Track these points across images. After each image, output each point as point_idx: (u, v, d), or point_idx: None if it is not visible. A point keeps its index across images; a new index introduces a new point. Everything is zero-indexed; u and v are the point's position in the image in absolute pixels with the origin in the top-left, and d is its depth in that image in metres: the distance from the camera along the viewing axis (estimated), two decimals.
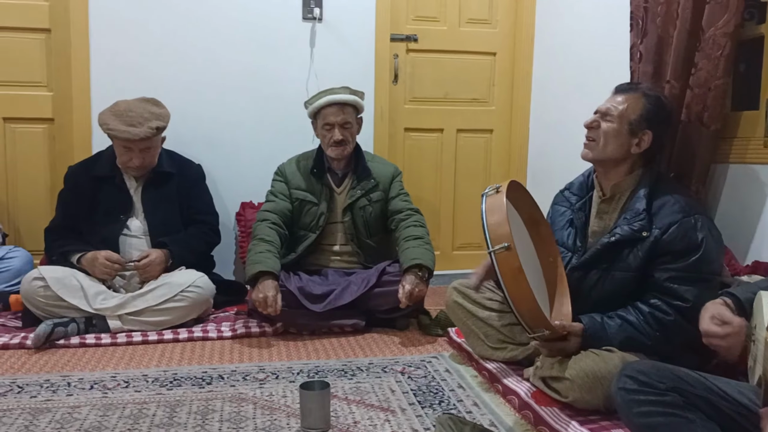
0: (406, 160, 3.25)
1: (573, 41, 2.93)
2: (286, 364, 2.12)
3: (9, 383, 1.91)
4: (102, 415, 1.71)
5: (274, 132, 3.07)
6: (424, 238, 2.52)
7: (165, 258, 2.55)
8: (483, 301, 2.06)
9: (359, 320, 2.46)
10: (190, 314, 2.48)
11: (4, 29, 2.85)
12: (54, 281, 2.35)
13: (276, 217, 2.57)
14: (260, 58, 3.03)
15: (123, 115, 2.51)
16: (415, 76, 3.25)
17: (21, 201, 2.95)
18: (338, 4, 3.04)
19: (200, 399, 1.82)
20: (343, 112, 2.56)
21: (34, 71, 2.91)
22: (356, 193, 2.60)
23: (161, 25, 2.91)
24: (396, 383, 1.96)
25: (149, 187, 2.65)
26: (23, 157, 2.94)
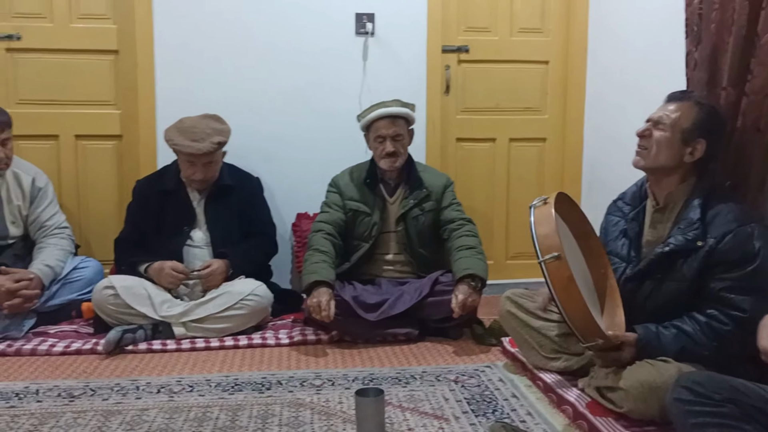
0: (458, 170, 3.27)
1: (627, 48, 2.90)
2: (342, 371, 2.18)
3: (82, 386, 2.03)
4: (169, 417, 1.80)
5: (328, 145, 3.14)
6: (477, 247, 2.53)
7: (226, 268, 2.65)
8: (537, 311, 2.06)
9: (412, 329, 2.49)
10: (250, 322, 2.57)
11: (77, 51, 3.02)
12: (123, 290, 2.48)
13: (330, 227, 2.63)
14: (314, 74, 3.11)
15: (187, 131, 2.63)
16: (467, 87, 3.28)
17: (92, 214, 3.12)
18: (390, 18, 3.10)
19: (260, 404, 1.90)
20: (395, 125, 2.61)
21: (104, 91, 3.07)
22: (409, 203, 2.65)
23: (221, 46, 3.04)
24: (449, 392, 1.99)
25: (211, 200, 2.76)
26: (94, 172, 3.11)
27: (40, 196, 2.69)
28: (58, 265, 2.61)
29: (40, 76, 3.01)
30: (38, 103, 3.02)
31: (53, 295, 2.61)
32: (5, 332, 2.44)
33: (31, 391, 1.98)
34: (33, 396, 1.95)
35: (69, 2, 2.99)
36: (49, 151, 3.05)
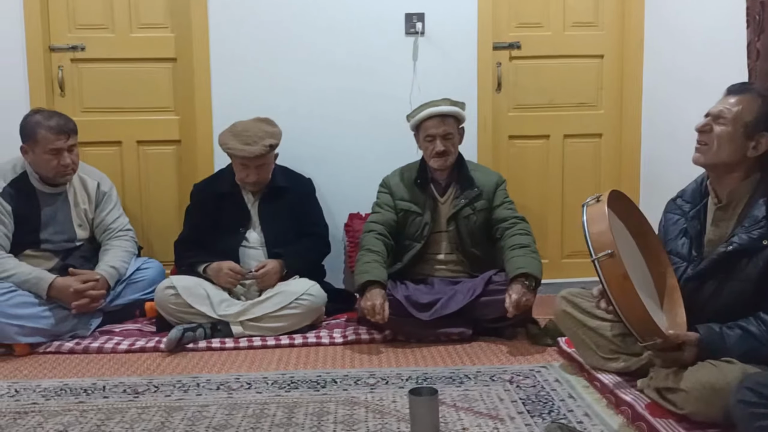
0: (510, 168, 3.24)
1: (685, 39, 2.82)
2: (395, 370, 2.19)
3: (146, 383, 2.11)
4: (228, 414, 1.85)
5: (379, 145, 3.16)
6: (531, 246, 2.50)
7: (280, 268, 2.70)
8: (594, 311, 2.03)
9: (466, 329, 2.48)
10: (304, 321, 2.61)
11: (137, 60, 3.13)
12: (183, 290, 2.56)
13: (382, 227, 2.65)
14: (364, 75, 3.13)
15: (240, 135, 2.70)
16: (519, 83, 3.24)
17: (153, 216, 3.23)
18: (440, 17, 3.10)
19: (315, 401, 1.93)
20: (444, 124, 2.60)
21: (163, 98, 3.18)
22: (460, 202, 2.64)
23: (273, 50, 3.10)
24: (504, 392, 1.97)
25: (265, 202, 2.82)
26: (155, 176, 3.22)
27: (105, 199, 2.80)
28: (122, 266, 2.71)
29: (103, 85, 3.14)
30: (102, 111, 3.15)
31: (118, 295, 2.71)
32: (73, 331, 2.55)
33: (98, 387, 2.07)
34: (100, 392, 2.03)
35: (129, 13, 3.11)
36: (113, 157, 3.18)
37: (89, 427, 1.78)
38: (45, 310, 2.47)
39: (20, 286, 2.45)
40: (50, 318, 2.47)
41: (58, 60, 3.09)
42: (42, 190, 2.64)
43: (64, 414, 1.87)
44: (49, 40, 3.07)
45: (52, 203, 2.66)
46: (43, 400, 1.98)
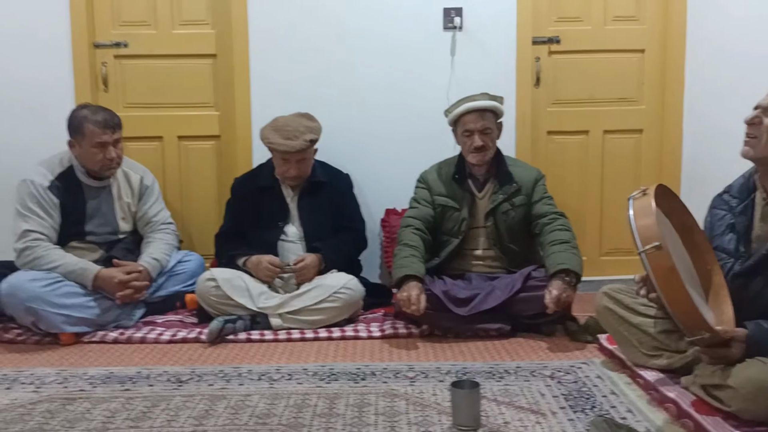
0: (549, 163, 3.21)
1: (729, 32, 2.76)
2: (434, 364, 2.19)
3: (190, 372, 2.15)
4: (270, 403, 1.87)
5: (416, 140, 3.16)
6: (571, 242, 2.48)
7: (318, 262, 2.72)
8: (636, 307, 2.00)
9: (504, 324, 2.47)
10: (342, 314, 2.62)
11: (179, 56, 3.18)
12: (224, 282, 2.59)
13: (419, 222, 2.65)
14: (402, 71, 3.14)
15: (281, 129, 2.72)
16: (558, 78, 3.21)
17: (193, 210, 3.27)
18: (478, 12, 3.09)
19: (356, 393, 1.94)
20: (483, 119, 2.59)
21: (203, 93, 3.22)
22: (498, 197, 2.62)
23: (311, 46, 3.11)
24: (545, 387, 1.96)
25: (304, 196, 2.84)
26: (195, 170, 3.26)
27: (148, 193, 2.85)
28: (164, 258, 2.76)
29: (145, 81, 3.19)
30: (144, 106, 3.21)
31: (160, 286, 2.76)
32: (117, 321, 2.61)
33: (143, 376, 2.12)
34: (145, 380, 2.08)
35: (171, 10, 3.16)
36: (154, 151, 3.23)
37: (135, 413, 1.82)
38: (90, 301, 2.53)
39: (66, 277, 2.51)
40: (95, 308, 2.53)
41: (102, 56, 3.16)
42: (87, 183, 2.70)
43: (111, 401, 1.91)
44: (94, 37, 3.14)
45: (96, 196, 2.72)
46: (90, 387, 2.03)
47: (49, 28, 3.07)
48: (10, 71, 3.09)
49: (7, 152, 3.10)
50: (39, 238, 2.55)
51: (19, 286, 2.41)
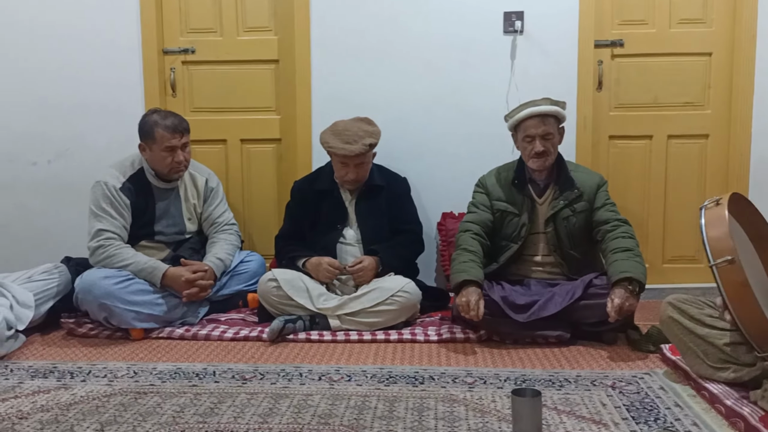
0: (610, 168, 3.16)
1: None
2: (493, 370, 2.19)
3: (252, 370, 2.21)
4: (331, 404, 1.91)
5: (474, 145, 3.16)
6: (634, 249, 2.44)
7: (376, 264, 2.76)
8: (703, 318, 1.95)
9: (564, 332, 2.44)
10: (400, 317, 2.65)
11: (243, 62, 3.27)
12: (285, 282, 2.66)
13: (478, 227, 2.65)
14: (461, 74, 3.14)
15: (341, 133, 2.77)
16: (621, 82, 3.15)
17: (254, 212, 3.36)
18: (540, 15, 3.07)
19: (415, 397, 1.96)
20: (544, 124, 2.57)
21: (266, 98, 3.30)
22: (559, 203, 2.60)
23: (371, 51, 3.15)
24: (607, 397, 1.94)
25: (362, 199, 2.88)
26: (256, 173, 3.35)
27: (213, 195, 2.95)
28: (227, 258, 2.85)
29: (211, 86, 3.30)
30: (209, 111, 3.31)
31: (223, 285, 2.85)
32: (183, 318, 2.70)
33: (209, 372, 2.19)
34: (211, 377, 2.15)
35: (237, 17, 3.25)
36: (218, 154, 3.33)
37: (203, 409, 1.89)
38: (159, 298, 2.63)
39: (137, 275, 2.62)
40: (163, 305, 2.63)
41: (171, 62, 3.28)
42: (156, 185, 2.81)
43: (180, 396, 1.99)
44: (163, 44, 3.26)
45: (165, 198, 2.83)
46: (160, 382, 2.11)
47: (121, 35, 3.21)
48: (86, 77, 3.24)
49: (82, 155, 3.26)
50: (111, 237, 2.67)
51: (93, 283, 2.53)
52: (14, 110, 3.28)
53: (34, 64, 3.25)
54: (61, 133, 3.27)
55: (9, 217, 3.34)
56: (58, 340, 2.60)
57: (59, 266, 2.76)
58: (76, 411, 1.88)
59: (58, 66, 3.24)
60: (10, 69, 3.26)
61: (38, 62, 3.25)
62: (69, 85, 3.25)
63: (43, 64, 3.25)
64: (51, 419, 1.83)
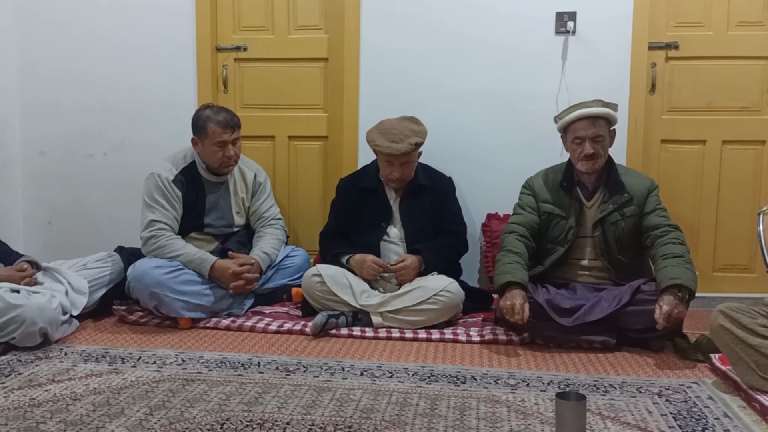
0: (661, 173, 3.10)
1: None
2: (536, 373, 2.17)
3: (296, 363, 2.24)
4: (373, 399, 1.93)
5: (521, 145, 3.14)
6: (685, 256, 2.38)
7: (419, 263, 2.76)
8: (756, 328, 1.90)
9: (609, 337, 2.40)
10: (442, 317, 2.65)
11: (293, 60, 3.32)
12: (329, 278, 2.68)
13: (523, 229, 2.62)
14: (510, 74, 3.12)
15: (387, 132, 2.78)
16: (674, 85, 3.09)
17: (300, 207, 3.41)
18: (593, 16, 3.02)
19: (456, 396, 1.96)
20: (595, 126, 2.53)
21: (314, 96, 3.34)
22: (608, 207, 2.56)
23: (420, 50, 3.16)
24: (653, 404, 1.90)
25: (406, 198, 2.89)
26: (303, 170, 3.39)
27: (260, 190, 3.00)
28: (273, 252, 2.89)
29: (261, 83, 3.36)
30: (259, 107, 3.37)
31: (268, 279, 2.90)
32: (229, 309, 2.76)
33: (254, 363, 2.23)
34: (255, 367, 2.19)
35: (288, 16, 3.30)
36: (267, 150, 3.39)
37: (248, 398, 1.92)
38: (206, 289, 2.69)
39: (186, 266, 2.69)
40: (211, 296, 2.69)
41: (223, 59, 3.35)
42: (207, 178, 2.88)
43: (226, 384, 2.03)
44: (216, 41, 3.34)
45: (215, 191, 2.89)
46: (206, 370, 2.17)
47: (176, 33, 3.30)
48: (142, 73, 3.34)
49: (137, 148, 3.37)
50: (163, 228, 2.74)
51: (145, 272, 2.61)
52: (74, 105, 3.41)
53: (93, 61, 3.37)
54: (117, 126, 3.38)
55: (66, 207, 3.47)
56: (110, 326, 2.69)
57: (113, 255, 2.85)
58: (126, 395, 1.94)
59: (116, 62, 3.35)
60: (70, 66, 3.39)
61: (97, 59, 3.37)
62: (126, 81, 3.36)
63: (102, 61, 3.36)
64: (103, 401, 1.89)
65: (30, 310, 2.28)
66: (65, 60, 3.39)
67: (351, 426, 1.74)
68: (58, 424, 1.74)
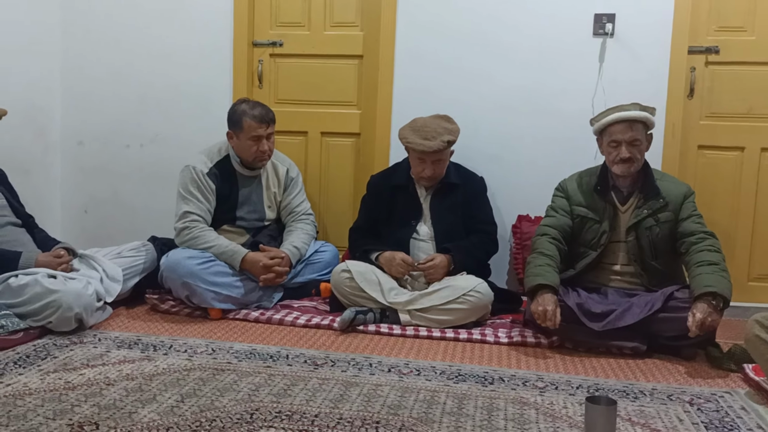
0: (698, 179, 3.05)
1: None
2: (565, 377, 2.16)
3: (324, 357, 2.26)
4: (400, 396, 1.93)
5: (554, 147, 3.11)
6: (720, 264, 2.34)
7: (448, 263, 2.76)
8: None
9: (640, 344, 2.37)
10: (470, 317, 2.64)
11: (328, 57, 3.34)
12: (358, 274, 2.69)
13: (556, 232, 2.60)
14: (545, 75, 3.10)
15: (420, 130, 2.78)
16: (714, 90, 3.03)
17: (330, 203, 3.43)
18: (632, 18, 2.99)
19: (484, 396, 1.95)
20: (632, 129, 2.50)
21: (348, 92, 3.36)
22: (642, 212, 2.53)
23: (456, 49, 3.15)
24: (684, 413, 1.88)
25: (437, 197, 2.89)
26: (334, 166, 3.41)
27: (292, 185, 3.03)
28: (303, 247, 2.92)
29: (296, 79, 3.39)
30: (293, 103, 3.40)
31: (298, 273, 2.92)
32: (258, 302, 2.79)
33: (283, 355, 2.25)
34: (284, 360, 2.21)
35: (325, 12, 3.32)
36: (299, 146, 3.42)
37: (277, 389, 1.95)
38: (237, 281, 2.73)
39: (218, 257, 2.72)
40: (241, 288, 2.73)
41: (259, 54, 3.38)
42: (241, 172, 2.91)
43: (255, 375, 2.06)
44: (253, 36, 3.37)
45: (248, 185, 2.93)
46: (236, 360, 2.19)
47: (214, 27, 3.34)
48: (179, 67, 3.40)
49: (172, 140, 3.42)
50: (197, 219, 2.78)
51: (178, 262, 2.65)
52: (112, 97, 3.47)
53: (133, 54, 3.43)
54: (153, 119, 3.44)
55: (103, 196, 3.54)
56: (142, 314, 2.74)
57: (146, 245, 2.90)
58: (158, 381, 1.98)
59: (155, 56, 3.41)
60: (110, 59, 3.46)
61: (136, 53, 3.43)
62: (163, 74, 3.41)
63: (141, 55, 3.43)
64: (135, 387, 1.93)
65: (67, 295, 2.33)
66: (106, 53, 3.46)
67: (379, 421, 1.75)
68: (93, 407, 1.78)
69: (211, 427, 1.68)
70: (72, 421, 1.69)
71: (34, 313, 2.33)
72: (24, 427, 1.64)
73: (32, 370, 2.03)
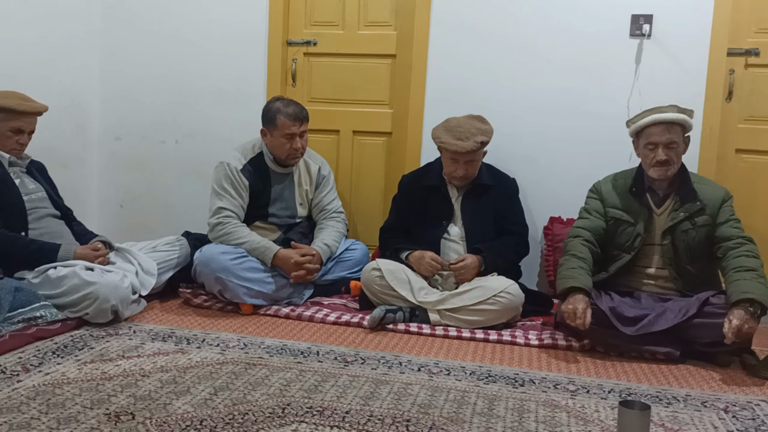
0: (735, 183, 2.98)
1: None
2: (596, 380, 2.14)
3: (354, 354, 2.27)
4: (430, 395, 1.94)
5: (588, 149, 3.09)
6: (758, 270, 2.30)
7: (479, 263, 2.75)
8: None
9: (674, 349, 2.34)
10: (501, 318, 2.63)
11: (361, 56, 3.36)
12: (388, 273, 2.70)
13: (589, 234, 2.58)
14: (581, 76, 3.07)
15: (453, 130, 2.78)
16: (755, 93, 2.97)
17: (361, 202, 3.45)
18: (670, 19, 2.94)
19: (515, 398, 1.95)
20: (669, 132, 2.46)
21: (380, 92, 3.37)
22: (679, 215, 2.49)
23: (490, 49, 3.15)
24: (719, 420, 1.85)
25: (468, 197, 2.88)
26: (366, 164, 3.43)
27: (324, 182, 3.05)
28: (334, 244, 2.93)
29: (329, 78, 3.41)
30: (326, 102, 3.43)
31: (328, 270, 2.94)
32: (289, 298, 2.82)
33: (313, 352, 2.27)
34: (314, 356, 2.23)
35: (359, 11, 3.34)
36: (331, 144, 3.44)
37: (308, 385, 1.96)
38: (268, 277, 2.75)
39: (250, 253, 2.75)
40: (272, 284, 2.75)
41: (293, 53, 3.41)
42: (274, 169, 2.94)
43: (286, 370, 2.08)
44: (287, 35, 3.40)
45: (281, 182, 2.96)
46: (267, 355, 2.22)
47: (249, 26, 3.39)
48: (215, 65, 3.45)
49: (207, 137, 3.47)
50: (230, 215, 2.82)
51: (212, 257, 2.69)
52: (150, 93, 3.54)
53: (170, 52, 3.50)
54: (189, 115, 3.50)
55: (139, 191, 3.61)
56: (175, 308, 2.78)
57: (180, 239, 2.95)
58: (192, 374, 2.01)
59: (191, 54, 3.47)
60: (147, 57, 3.53)
61: (173, 51, 3.50)
62: (199, 72, 3.47)
63: (178, 53, 3.49)
64: (170, 379, 1.96)
65: (103, 287, 2.38)
66: (144, 51, 3.52)
67: (409, 420, 1.75)
68: (128, 398, 1.81)
69: (243, 420, 1.71)
70: (109, 410, 1.72)
71: (71, 304, 2.39)
72: (63, 415, 1.68)
73: (70, 360, 2.08)
